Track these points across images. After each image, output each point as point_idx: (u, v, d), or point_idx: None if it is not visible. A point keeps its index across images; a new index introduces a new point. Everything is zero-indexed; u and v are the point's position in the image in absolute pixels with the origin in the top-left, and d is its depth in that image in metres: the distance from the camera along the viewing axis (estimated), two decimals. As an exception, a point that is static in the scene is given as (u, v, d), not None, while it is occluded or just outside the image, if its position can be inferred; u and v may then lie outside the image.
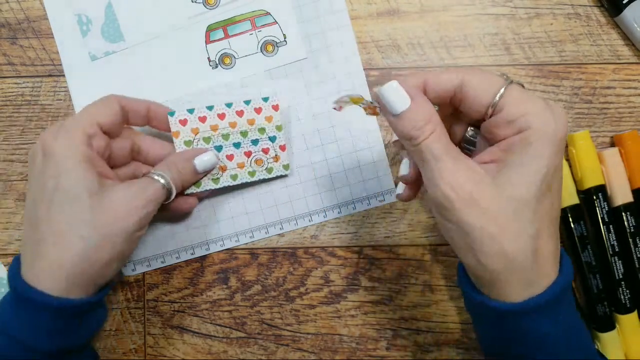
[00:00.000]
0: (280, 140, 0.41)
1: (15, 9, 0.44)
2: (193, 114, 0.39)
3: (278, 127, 0.41)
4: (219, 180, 0.41)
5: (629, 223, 0.41)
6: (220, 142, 0.40)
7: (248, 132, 0.40)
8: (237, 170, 0.41)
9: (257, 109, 0.40)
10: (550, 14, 0.43)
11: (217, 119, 0.40)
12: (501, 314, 0.28)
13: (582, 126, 0.43)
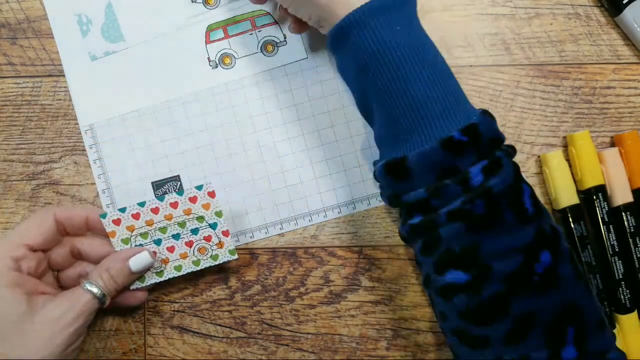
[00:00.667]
0: (222, 226, 0.40)
1: (15, 9, 0.44)
2: (125, 212, 0.39)
3: (218, 213, 0.40)
4: (163, 273, 0.41)
5: (629, 223, 0.41)
6: (158, 235, 0.40)
7: (186, 222, 0.40)
8: (180, 261, 0.41)
9: (192, 199, 0.39)
10: (550, 14, 0.43)
11: (150, 214, 0.39)
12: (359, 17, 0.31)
13: (582, 126, 0.43)
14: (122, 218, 0.39)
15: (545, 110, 0.43)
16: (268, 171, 0.43)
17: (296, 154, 0.43)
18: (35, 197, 0.44)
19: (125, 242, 0.40)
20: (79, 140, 0.44)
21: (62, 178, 0.44)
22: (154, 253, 0.40)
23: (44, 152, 0.44)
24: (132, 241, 0.40)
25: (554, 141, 0.43)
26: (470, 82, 0.43)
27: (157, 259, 0.40)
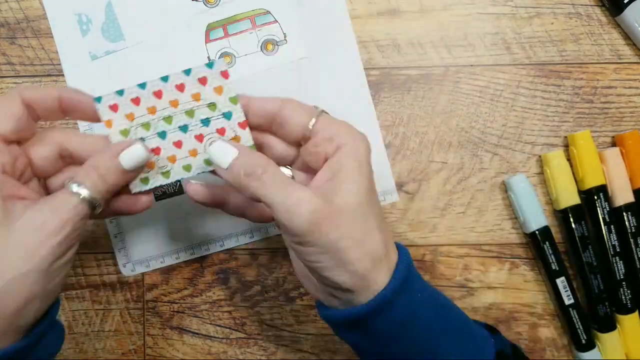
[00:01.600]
0: (238, 116, 0.33)
1: (15, 9, 0.44)
2: (123, 95, 0.32)
3: (232, 99, 0.32)
4: (170, 173, 0.34)
5: (630, 223, 0.41)
6: (162, 126, 0.33)
7: (195, 110, 0.33)
8: (189, 159, 0.33)
9: (201, 79, 0.32)
10: (551, 14, 0.43)
11: (153, 99, 0.32)
12: (388, 300, 0.30)
13: (583, 126, 0.43)
14: (119, 103, 0.32)
15: (546, 110, 0.43)
16: (268, 171, 0.43)
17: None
18: (35, 197, 0.44)
19: (124, 133, 0.32)
20: (78, 140, 0.44)
21: (62, 178, 0.44)
22: (158, 149, 0.33)
23: (43, 151, 0.44)
24: (132, 133, 0.33)
25: (555, 141, 0.43)
26: (471, 82, 0.43)
27: (163, 157, 0.33)
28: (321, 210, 0.29)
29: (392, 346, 0.31)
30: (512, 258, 0.43)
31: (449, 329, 0.31)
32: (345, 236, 0.29)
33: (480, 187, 0.43)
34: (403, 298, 0.30)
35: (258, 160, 0.31)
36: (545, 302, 0.43)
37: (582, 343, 0.42)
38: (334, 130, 0.31)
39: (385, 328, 0.30)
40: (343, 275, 0.29)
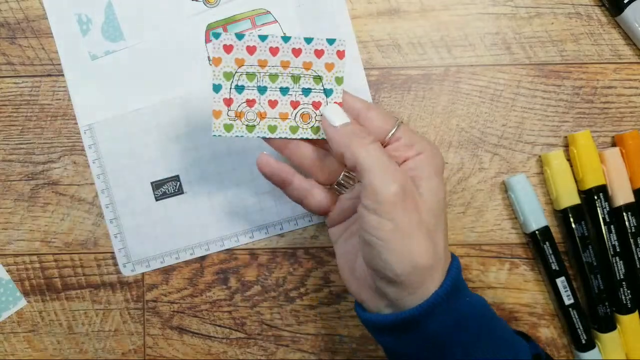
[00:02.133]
0: (337, 96, 0.34)
1: (15, 9, 0.44)
2: (242, 40, 0.32)
3: (338, 79, 0.34)
4: (254, 128, 0.34)
5: (630, 223, 0.41)
6: (266, 82, 0.34)
7: (301, 77, 0.34)
8: (277, 121, 0.34)
9: (318, 51, 0.33)
10: (551, 14, 0.43)
11: (268, 53, 0.33)
12: (441, 302, 0.30)
13: (583, 126, 0.43)
14: (235, 46, 0.33)
15: (546, 110, 0.43)
16: (268, 171, 0.43)
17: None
18: (34, 197, 0.44)
19: (227, 77, 0.33)
20: (78, 140, 0.44)
21: (61, 178, 0.44)
22: (253, 102, 0.34)
23: (43, 152, 0.44)
24: (235, 79, 0.33)
25: (555, 141, 0.43)
26: (471, 82, 0.43)
27: (254, 111, 0.34)
28: (410, 189, 0.31)
29: (438, 350, 0.31)
30: (512, 258, 0.43)
31: (491, 332, 0.32)
32: (421, 224, 0.30)
33: (480, 187, 0.43)
34: (454, 302, 0.31)
35: (367, 132, 0.32)
36: (545, 302, 0.43)
37: (582, 343, 0.42)
38: (415, 139, 0.33)
39: (434, 331, 0.30)
40: (403, 262, 0.30)
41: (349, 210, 0.36)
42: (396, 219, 0.30)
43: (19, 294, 0.44)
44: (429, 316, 0.30)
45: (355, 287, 0.34)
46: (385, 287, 0.31)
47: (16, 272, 0.44)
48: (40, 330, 0.44)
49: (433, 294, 0.30)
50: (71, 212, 0.44)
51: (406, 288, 0.30)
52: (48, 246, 0.44)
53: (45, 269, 0.44)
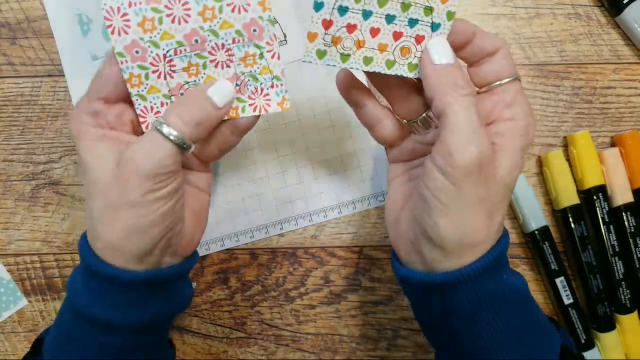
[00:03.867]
0: (443, 32, 0.30)
1: (15, 9, 0.44)
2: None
3: (450, 13, 0.30)
4: (349, 58, 0.30)
5: (629, 223, 0.41)
6: (372, 6, 0.29)
7: (411, 5, 0.30)
8: (374, 52, 0.31)
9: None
10: (551, 14, 0.43)
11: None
12: (479, 273, 0.29)
13: (583, 126, 0.43)
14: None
15: (545, 110, 0.43)
16: (268, 171, 0.43)
17: (296, 153, 0.43)
18: (35, 197, 0.44)
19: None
20: (78, 140, 0.44)
21: (62, 178, 0.44)
22: (354, 27, 0.30)
23: (44, 152, 0.44)
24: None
25: (555, 141, 0.43)
26: (471, 82, 0.43)
27: (353, 38, 0.30)
28: (489, 162, 0.28)
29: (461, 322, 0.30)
30: (512, 258, 0.43)
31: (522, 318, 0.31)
32: (485, 200, 0.28)
33: (479, 187, 0.43)
34: (488, 278, 0.30)
35: (470, 82, 0.30)
36: (544, 302, 0.44)
37: (582, 343, 0.42)
38: (519, 101, 0.30)
39: (460, 301, 0.30)
40: (453, 232, 0.28)
41: (416, 151, 0.34)
42: (463, 188, 0.28)
43: (19, 293, 0.44)
44: (458, 286, 0.29)
45: (395, 234, 0.33)
46: (425, 246, 0.30)
47: (17, 272, 0.44)
48: (41, 329, 0.44)
49: (469, 266, 0.29)
50: (72, 212, 0.44)
51: (446, 254, 0.29)
52: (49, 246, 0.44)
53: (46, 268, 0.44)
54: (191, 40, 0.31)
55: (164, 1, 0.30)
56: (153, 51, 0.31)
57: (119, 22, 0.30)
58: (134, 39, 0.30)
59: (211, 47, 0.31)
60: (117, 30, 0.30)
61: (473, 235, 0.29)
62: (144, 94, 0.32)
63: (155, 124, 0.30)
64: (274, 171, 0.43)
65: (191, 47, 0.31)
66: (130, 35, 0.30)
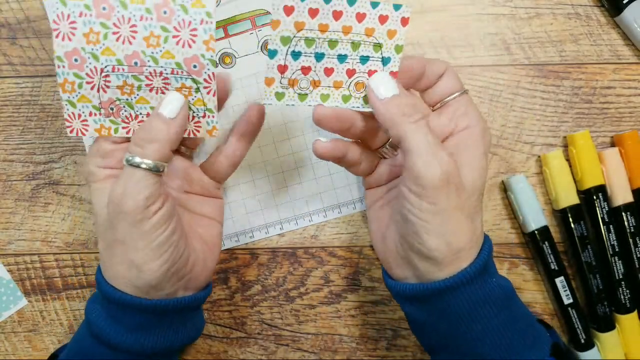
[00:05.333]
0: (394, 65, 0.32)
1: (15, 9, 0.44)
2: (304, 2, 0.30)
3: (398, 47, 0.32)
4: (306, 97, 0.32)
5: (629, 223, 0.41)
6: (323, 49, 0.31)
7: (361, 44, 0.31)
8: (330, 90, 0.32)
9: (382, 17, 0.31)
10: (551, 14, 0.43)
11: (330, 18, 0.30)
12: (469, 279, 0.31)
13: (582, 126, 0.43)
14: (296, 7, 0.30)
15: (545, 110, 0.43)
16: (268, 171, 0.43)
17: (296, 153, 0.43)
18: (35, 197, 0.44)
19: (284, 41, 0.30)
20: (78, 140, 0.44)
21: (62, 178, 0.44)
22: (309, 69, 0.32)
23: (44, 152, 0.44)
24: (293, 44, 0.31)
25: (554, 141, 0.43)
26: (471, 82, 0.43)
27: (308, 78, 0.32)
28: (454, 174, 0.30)
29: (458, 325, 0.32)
30: (512, 258, 0.43)
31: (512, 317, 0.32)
32: (462, 208, 0.31)
33: (479, 187, 0.43)
34: (480, 281, 0.31)
35: (419, 106, 0.32)
36: (544, 302, 0.44)
37: (581, 343, 0.42)
38: (470, 110, 0.33)
39: (458, 307, 0.31)
40: (439, 243, 0.30)
41: (390, 174, 0.36)
42: (438, 202, 0.30)
43: (19, 293, 0.44)
44: (453, 292, 0.31)
45: (384, 253, 0.35)
46: (417, 261, 0.32)
47: (17, 272, 0.44)
48: (41, 329, 0.44)
49: (461, 272, 0.31)
50: (72, 212, 0.44)
51: (438, 264, 0.31)
52: (49, 246, 0.44)
53: (46, 268, 0.44)
54: (131, 61, 0.31)
55: (113, 19, 0.30)
56: (92, 63, 0.31)
57: (66, 28, 0.31)
58: (75, 48, 0.31)
59: (149, 72, 0.32)
60: (61, 36, 0.31)
61: (459, 241, 0.31)
62: (74, 101, 0.32)
63: (126, 159, 0.31)
64: (273, 171, 0.43)
65: (129, 69, 0.32)
66: (73, 43, 0.31)
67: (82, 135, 0.33)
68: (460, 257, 0.31)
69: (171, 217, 0.32)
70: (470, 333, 0.31)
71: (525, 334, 0.32)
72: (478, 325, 0.31)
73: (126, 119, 0.33)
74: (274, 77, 0.31)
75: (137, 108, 0.33)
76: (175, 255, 0.32)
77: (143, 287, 0.31)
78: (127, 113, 0.33)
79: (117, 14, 0.30)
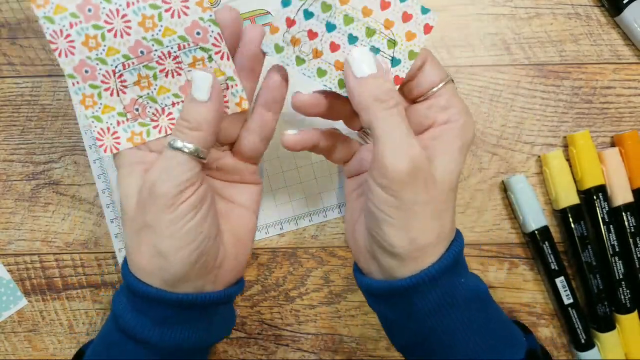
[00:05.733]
0: (402, 70, 0.31)
1: (15, 9, 0.44)
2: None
3: (412, 53, 0.30)
4: (304, 63, 0.31)
5: (629, 223, 0.41)
6: (337, 21, 0.30)
7: (377, 33, 0.30)
8: (330, 67, 0.31)
9: (406, 15, 0.30)
10: (551, 14, 0.43)
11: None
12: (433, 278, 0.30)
13: (583, 126, 0.43)
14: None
15: (545, 110, 0.43)
16: (268, 171, 0.43)
17: (296, 153, 0.43)
18: (35, 197, 0.44)
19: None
20: (79, 140, 0.44)
21: (62, 178, 0.44)
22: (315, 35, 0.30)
23: (44, 152, 0.44)
24: (309, 2, 0.30)
25: (554, 141, 0.43)
26: (470, 82, 0.43)
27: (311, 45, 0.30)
28: (423, 168, 0.29)
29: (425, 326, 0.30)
30: (512, 258, 0.43)
31: (484, 319, 0.31)
32: (428, 203, 0.29)
33: (479, 187, 0.43)
34: (446, 280, 0.30)
35: (394, 92, 0.29)
36: (544, 302, 0.44)
37: (582, 343, 0.42)
38: (453, 103, 0.31)
39: (423, 305, 0.30)
40: (402, 239, 0.29)
41: (367, 163, 0.35)
42: (402, 197, 0.28)
43: (19, 293, 0.44)
44: (415, 290, 0.30)
45: (354, 245, 0.34)
46: (380, 255, 0.31)
47: (17, 272, 0.44)
48: (41, 329, 0.44)
49: (424, 270, 0.29)
50: (72, 212, 0.44)
51: (401, 261, 0.30)
52: (49, 246, 0.44)
53: (46, 268, 0.44)
54: (136, 52, 0.30)
55: (102, 17, 0.29)
56: (102, 68, 0.30)
57: (64, 44, 0.30)
58: (81, 59, 0.30)
59: (158, 56, 0.30)
60: (63, 53, 0.30)
61: (424, 238, 0.29)
62: (99, 115, 0.31)
63: (168, 142, 0.30)
64: (273, 171, 0.43)
65: (138, 59, 0.30)
66: (76, 56, 0.30)
67: (116, 151, 0.32)
68: (426, 253, 0.30)
69: (202, 203, 0.30)
70: (437, 334, 0.30)
71: (498, 337, 0.31)
72: (445, 326, 0.30)
73: (154, 115, 0.32)
74: (279, 28, 0.30)
75: (160, 100, 0.31)
76: (205, 245, 0.30)
77: (169, 279, 0.30)
78: (152, 109, 0.32)
79: (104, 10, 0.29)
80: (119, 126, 0.32)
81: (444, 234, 0.30)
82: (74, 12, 0.29)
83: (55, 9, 0.29)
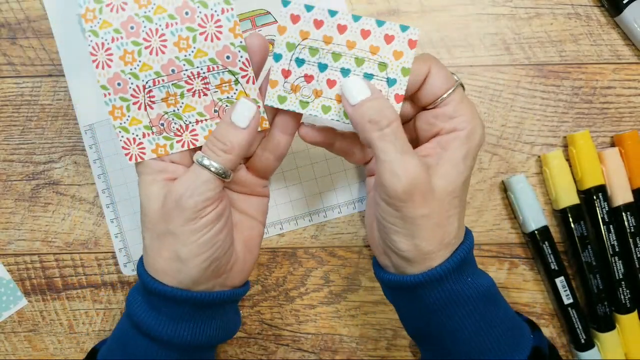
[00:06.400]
0: (400, 88, 0.32)
1: (15, 9, 0.44)
2: (310, 12, 0.31)
3: (405, 70, 0.32)
4: (308, 105, 0.33)
5: (629, 223, 0.41)
6: (327, 60, 0.32)
7: (365, 61, 0.32)
8: (332, 102, 0.33)
9: (388, 37, 0.31)
10: (551, 14, 0.43)
11: (334, 30, 0.31)
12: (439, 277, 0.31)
13: (582, 126, 0.43)
14: (302, 17, 0.31)
15: (545, 110, 0.43)
16: (268, 171, 0.43)
17: (296, 153, 0.43)
18: (35, 197, 0.44)
19: (289, 47, 0.32)
20: (79, 140, 0.44)
21: (62, 178, 0.44)
22: (311, 78, 0.32)
23: (44, 152, 0.44)
24: (297, 51, 0.32)
25: (554, 141, 0.43)
26: (471, 82, 0.43)
27: (310, 87, 0.32)
28: (421, 185, 0.30)
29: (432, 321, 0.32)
30: (512, 258, 0.43)
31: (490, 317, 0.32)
32: (428, 216, 0.31)
33: (479, 187, 0.43)
34: (453, 278, 0.32)
35: (387, 111, 0.31)
36: (544, 302, 0.44)
37: (581, 343, 0.42)
38: (461, 111, 0.32)
39: (430, 302, 0.32)
40: (408, 245, 0.31)
41: None
42: (404, 211, 0.30)
43: (19, 293, 0.44)
44: (422, 287, 0.32)
45: (372, 240, 0.36)
46: (391, 255, 0.33)
47: (17, 272, 0.44)
48: (41, 329, 0.44)
49: (431, 270, 0.31)
50: (72, 212, 0.44)
51: (409, 262, 0.32)
52: (49, 246, 0.44)
53: (46, 268, 0.44)
54: (168, 70, 0.32)
55: (142, 34, 0.31)
56: (133, 83, 0.32)
57: (103, 56, 0.31)
58: (116, 72, 0.32)
59: (187, 76, 0.32)
60: (101, 65, 0.32)
61: (427, 245, 0.31)
62: (126, 126, 0.33)
63: (196, 158, 0.32)
64: (274, 171, 0.43)
65: (168, 77, 0.32)
66: (112, 69, 0.32)
67: (141, 160, 0.33)
68: (432, 257, 0.31)
69: (220, 218, 0.32)
70: (443, 330, 0.32)
71: (503, 336, 0.32)
72: (451, 323, 0.32)
73: (177, 131, 0.33)
74: (278, 80, 0.32)
75: (185, 117, 0.33)
76: (219, 253, 0.32)
77: (184, 280, 0.32)
78: (177, 125, 0.33)
79: (145, 29, 0.31)
80: (144, 138, 0.33)
81: (448, 239, 0.32)
82: (118, 28, 0.31)
83: (102, 24, 0.31)
